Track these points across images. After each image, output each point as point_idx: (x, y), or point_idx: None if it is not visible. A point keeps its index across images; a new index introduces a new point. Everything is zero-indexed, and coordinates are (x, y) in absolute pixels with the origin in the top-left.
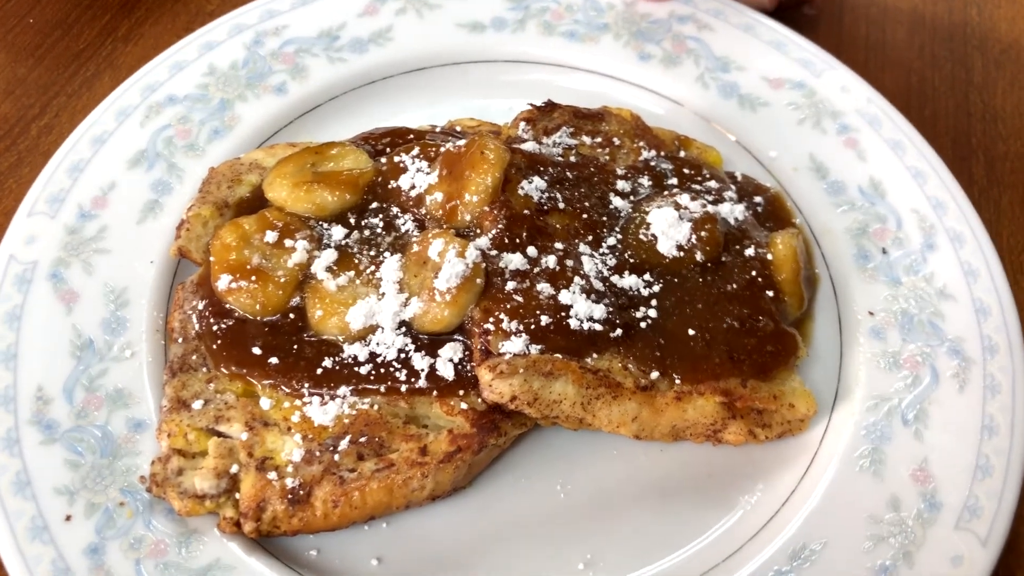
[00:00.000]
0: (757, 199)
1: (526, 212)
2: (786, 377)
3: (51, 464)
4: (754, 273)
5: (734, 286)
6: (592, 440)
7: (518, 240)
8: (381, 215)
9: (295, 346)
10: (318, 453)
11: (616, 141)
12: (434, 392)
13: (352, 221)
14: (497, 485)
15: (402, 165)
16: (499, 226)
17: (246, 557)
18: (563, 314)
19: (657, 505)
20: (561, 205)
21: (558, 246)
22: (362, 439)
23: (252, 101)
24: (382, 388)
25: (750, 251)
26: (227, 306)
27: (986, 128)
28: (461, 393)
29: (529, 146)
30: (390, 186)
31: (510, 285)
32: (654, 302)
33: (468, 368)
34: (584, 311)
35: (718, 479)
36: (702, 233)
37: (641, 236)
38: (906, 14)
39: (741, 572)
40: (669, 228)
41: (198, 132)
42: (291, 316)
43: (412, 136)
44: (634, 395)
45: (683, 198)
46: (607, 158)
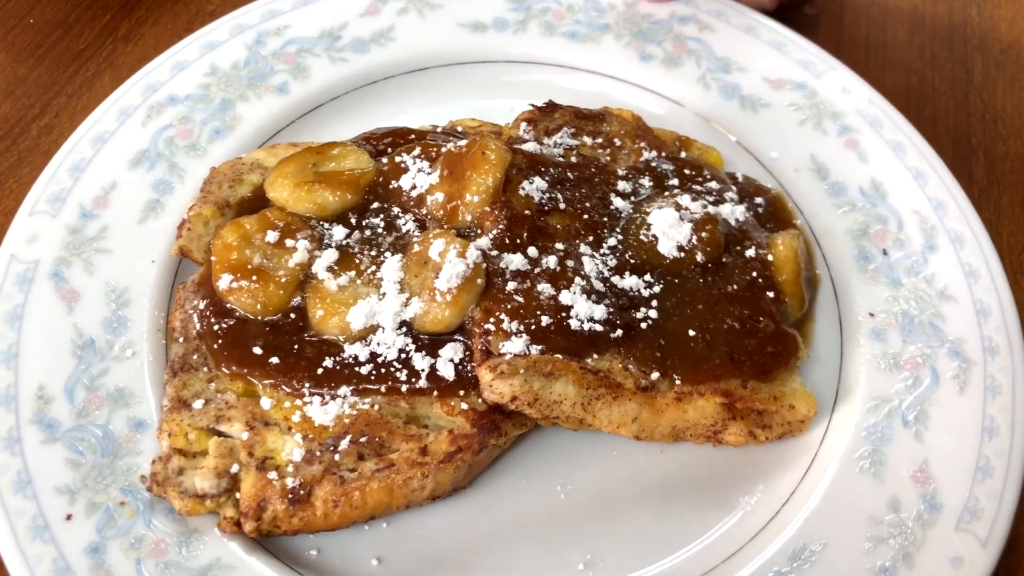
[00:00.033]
0: (758, 200)
1: (527, 212)
2: (786, 378)
3: (52, 463)
4: (755, 274)
5: (735, 287)
6: (592, 441)
7: (519, 240)
8: (382, 215)
9: (296, 346)
10: (318, 453)
11: (617, 142)
12: (434, 392)
13: (353, 221)
14: (497, 485)
15: (403, 165)
16: (500, 226)
17: (246, 557)
18: (564, 314)
19: (657, 506)
20: (562, 206)
21: (559, 246)
22: (362, 439)
23: (254, 101)
24: (383, 388)
25: (751, 252)
26: (228, 306)
27: (986, 128)
28: (461, 393)
29: (530, 146)
30: (391, 186)
31: (511, 285)
32: (655, 303)
33: (469, 368)
34: (585, 312)
35: (718, 480)
36: (703, 234)
37: (642, 237)
38: (906, 14)
39: (741, 573)
40: (670, 229)
41: (199, 132)
42: (292, 316)
43: (413, 136)
44: (634, 396)
45: (684, 199)
46: (608, 159)
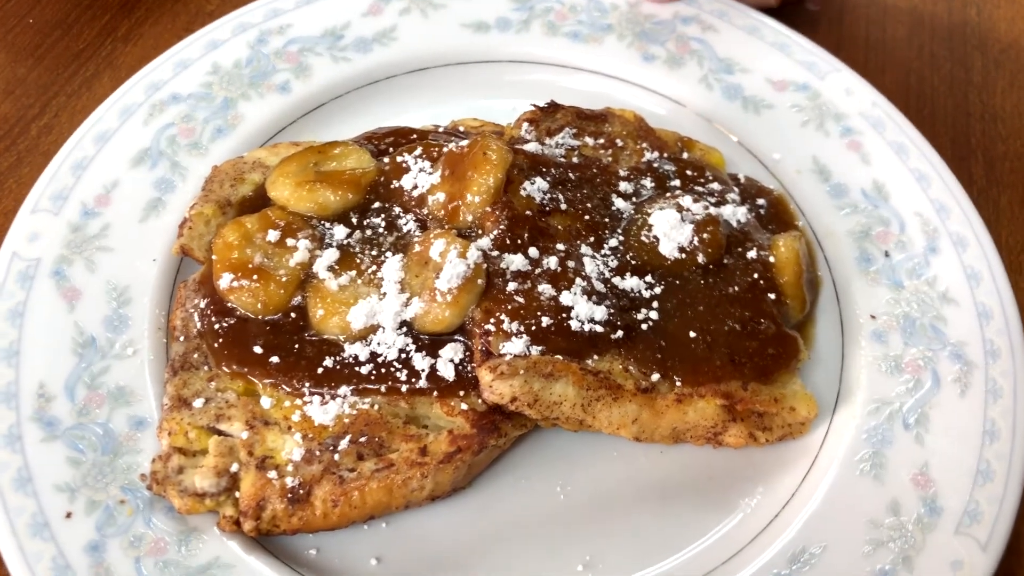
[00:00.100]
0: (760, 201)
1: (528, 213)
2: (787, 380)
3: (52, 461)
4: (756, 276)
5: (736, 288)
6: (592, 441)
7: (520, 241)
8: (383, 215)
9: (296, 345)
10: (318, 452)
11: (619, 142)
12: (434, 392)
13: (354, 221)
14: (497, 486)
15: (404, 165)
16: (501, 227)
17: (245, 556)
18: (564, 315)
19: (657, 507)
20: (563, 206)
21: (560, 247)
22: (362, 439)
23: (255, 100)
24: (383, 388)
25: (752, 253)
26: (229, 305)
27: (985, 128)
28: (461, 394)
29: (532, 147)
30: (392, 186)
31: (511, 286)
32: (655, 304)
33: (469, 369)
34: (585, 312)
35: (718, 481)
36: (704, 235)
37: (643, 238)
38: (906, 14)
39: (740, 575)
40: (671, 230)
41: (201, 131)
42: (292, 315)
43: (415, 136)
44: (634, 397)
45: (685, 200)
46: (610, 159)
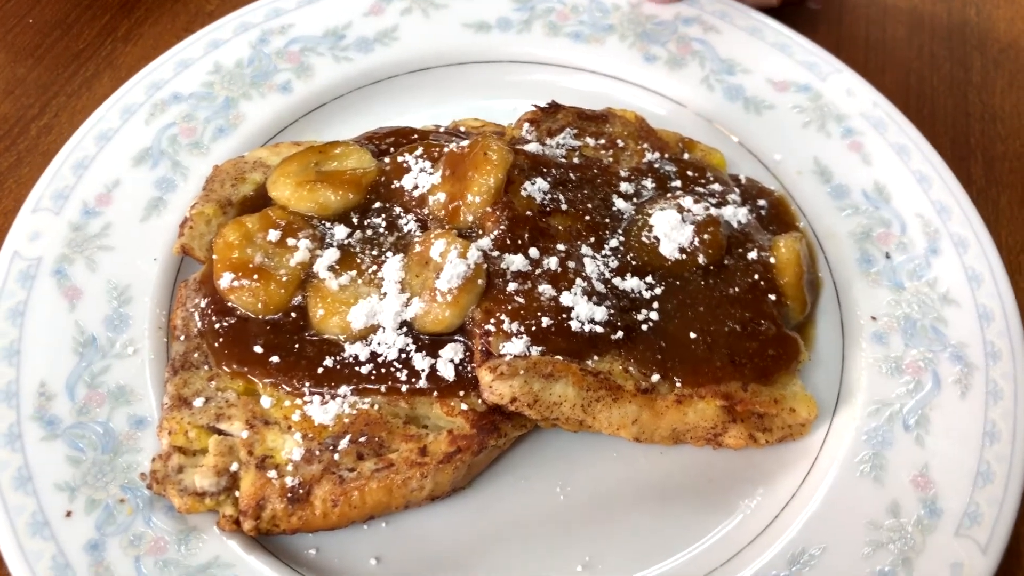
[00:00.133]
0: (761, 202)
1: (528, 213)
2: (787, 381)
3: (52, 460)
4: (756, 276)
5: (736, 289)
6: (592, 442)
7: (520, 241)
8: (384, 215)
9: (296, 345)
10: (318, 452)
11: (620, 143)
12: (434, 392)
13: (355, 220)
14: (496, 486)
15: (405, 165)
16: (501, 227)
17: (245, 555)
18: (564, 316)
19: (657, 508)
20: (564, 207)
21: (560, 248)
22: (362, 439)
23: (257, 99)
24: (383, 388)
25: (753, 254)
26: (229, 304)
27: (985, 128)
28: (461, 394)
29: (532, 147)
30: (393, 186)
31: (511, 286)
32: (656, 305)
33: (469, 369)
34: (585, 313)
35: (718, 483)
36: (705, 236)
37: (643, 238)
38: (905, 13)
39: None
40: (672, 231)
41: (203, 130)
42: (293, 315)
43: (416, 136)
44: (634, 398)
45: (686, 201)
46: (611, 160)
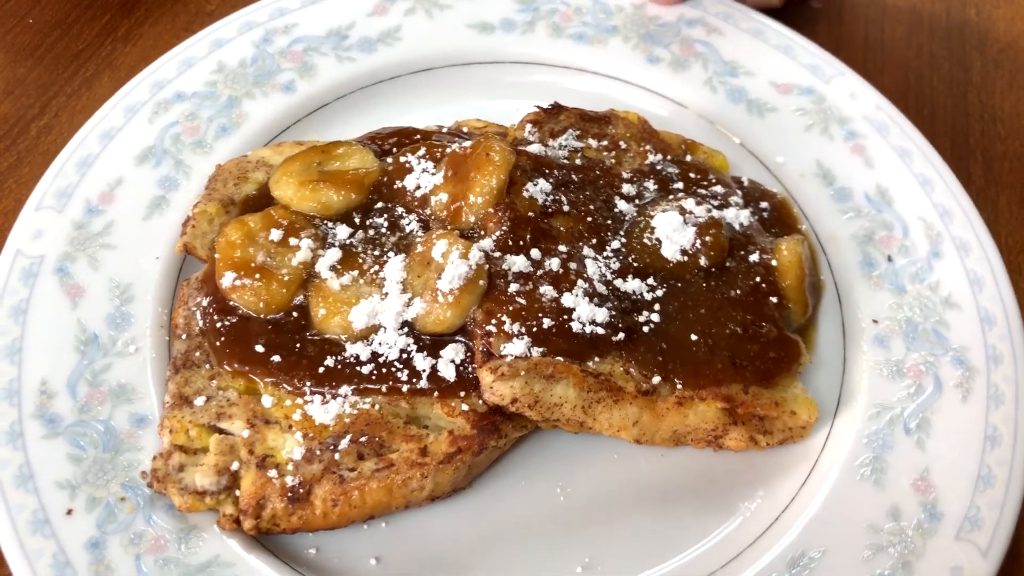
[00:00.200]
0: (763, 204)
1: (530, 214)
2: (788, 384)
3: (53, 458)
4: (758, 279)
5: (738, 292)
6: (592, 443)
7: (522, 242)
8: (386, 215)
9: (298, 344)
10: (318, 452)
11: (622, 144)
12: (435, 393)
13: (357, 221)
14: (497, 487)
15: (407, 165)
16: (503, 228)
17: (245, 554)
18: (565, 317)
19: (657, 510)
20: (566, 208)
21: (562, 249)
22: (363, 439)
23: (260, 99)
24: (383, 388)
25: (755, 257)
26: (231, 303)
27: (984, 128)
28: (462, 394)
29: (535, 148)
30: (395, 186)
31: (513, 287)
32: (657, 306)
33: (469, 369)
34: (587, 314)
35: (718, 485)
36: (707, 238)
37: (645, 240)
38: (905, 13)
39: None
40: (674, 232)
41: (206, 129)
42: (294, 315)
43: (418, 136)
44: (635, 399)
45: (688, 203)
46: (613, 161)
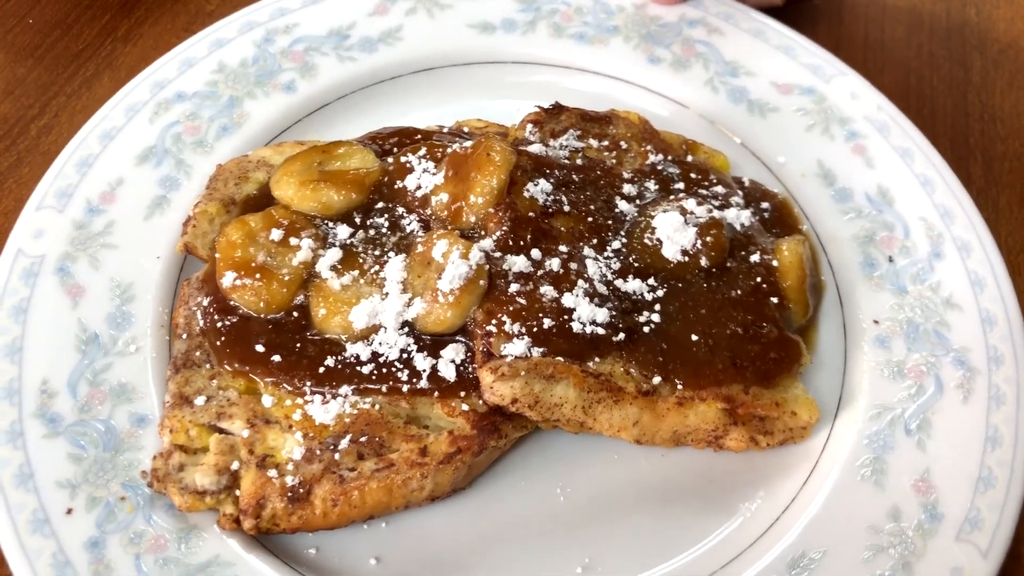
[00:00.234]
0: (764, 205)
1: (531, 214)
2: (789, 384)
3: (54, 457)
4: (759, 279)
5: (739, 292)
6: (593, 444)
7: (522, 242)
8: (386, 215)
9: (298, 344)
10: (319, 452)
11: (623, 145)
12: (435, 393)
13: (357, 220)
14: (497, 487)
15: (408, 165)
16: (503, 228)
17: (245, 554)
18: (566, 317)
19: (657, 510)
20: (566, 208)
21: (562, 249)
22: (363, 438)
23: (261, 99)
24: (384, 388)
25: (755, 257)
26: (231, 303)
27: (984, 128)
28: (462, 394)
29: (536, 148)
30: (396, 186)
31: (513, 287)
32: (658, 307)
33: (470, 370)
34: (587, 315)
35: (718, 485)
36: (707, 238)
37: (646, 240)
38: (905, 13)
39: None
40: (674, 233)
41: (207, 129)
42: (295, 314)
43: (419, 136)
44: (635, 400)
45: (689, 203)
46: (614, 161)
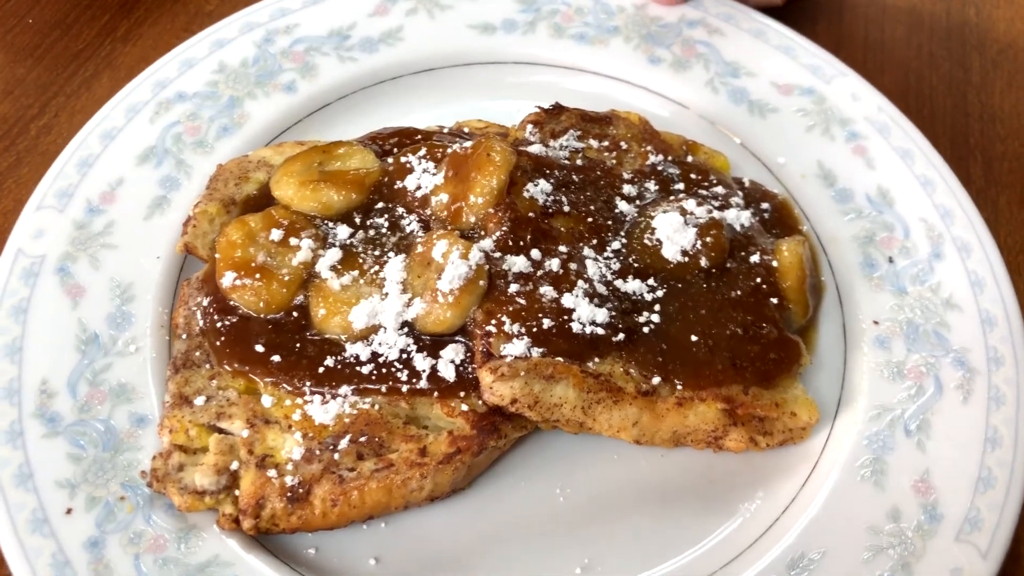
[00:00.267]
0: (764, 205)
1: (531, 215)
2: (789, 385)
3: (53, 457)
4: (759, 280)
5: (738, 292)
6: (592, 444)
7: (522, 243)
8: (386, 215)
9: (298, 344)
10: (318, 452)
11: (623, 145)
12: (435, 393)
13: (357, 221)
14: (496, 487)
15: (408, 166)
16: (503, 228)
17: (244, 554)
18: (565, 317)
19: (656, 510)
20: (566, 208)
21: (562, 249)
22: (362, 439)
23: (261, 99)
24: (383, 388)
25: (755, 258)
26: (231, 303)
27: (984, 128)
28: (462, 395)
29: (536, 149)
30: (396, 186)
31: (513, 288)
32: (657, 307)
33: (469, 370)
34: (587, 315)
35: (718, 485)
36: (707, 239)
37: (646, 241)
38: (904, 13)
39: None
40: (674, 233)
41: (207, 129)
42: (294, 314)
43: (419, 137)
44: (635, 400)
45: (689, 203)
46: (614, 162)
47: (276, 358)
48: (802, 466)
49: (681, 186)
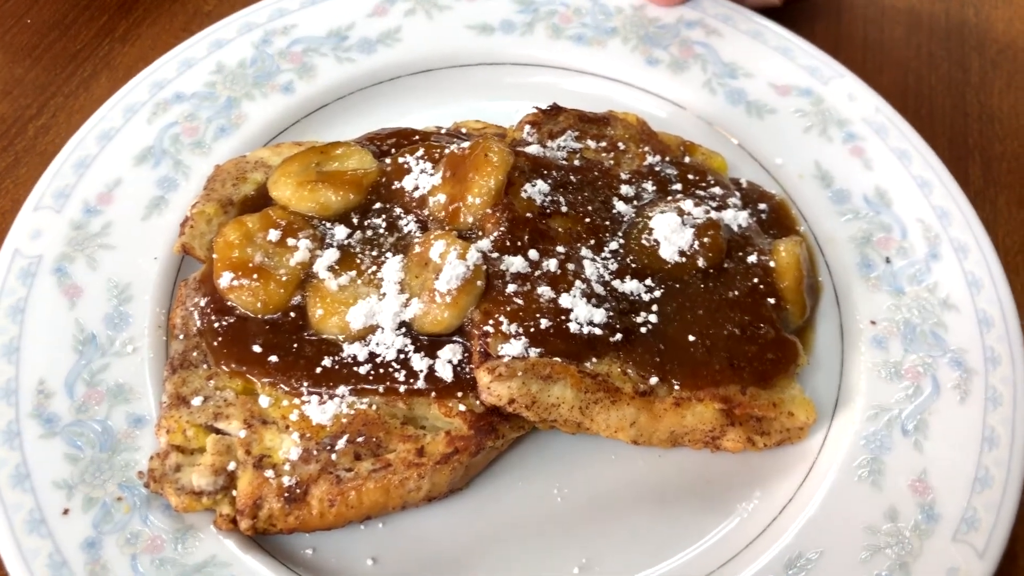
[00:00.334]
0: (761, 206)
1: (528, 215)
2: (786, 385)
3: (50, 458)
4: (756, 280)
5: (736, 293)
6: (590, 444)
7: (520, 243)
8: (384, 216)
9: (295, 345)
10: (315, 452)
11: (621, 145)
12: (432, 393)
13: (355, 221)
14: (494, 487)
15: (406, 166)
16: (501, 229)
17: (242, 554)
18: (563, 318)
19: (654, 510)
20: (564, 209)
21: (560, 250)
22: (360, 439)
23: (259, 100)
24: (381, 388)
25: (753, 258)
26: (229, 303)
27: (983, 128)
28: (459, 395)
29: (533, 149)
30: (394, 187)
31: (511, 288)
32: (655, 307)
33: (467, 370)
34: (584, 315)
35: (716, 485)
36: (705, 239)
37: (643, 241)
38: (903, 14)
39: None
40: (672, 233)
41: (205, 130)
42: (292, 315)
43: (417, 137)
44: (633, 400)
45: (686, 204)
46: (611, 162)
47: (273, 358)
48: (799, 466)
49: (679, 187)
